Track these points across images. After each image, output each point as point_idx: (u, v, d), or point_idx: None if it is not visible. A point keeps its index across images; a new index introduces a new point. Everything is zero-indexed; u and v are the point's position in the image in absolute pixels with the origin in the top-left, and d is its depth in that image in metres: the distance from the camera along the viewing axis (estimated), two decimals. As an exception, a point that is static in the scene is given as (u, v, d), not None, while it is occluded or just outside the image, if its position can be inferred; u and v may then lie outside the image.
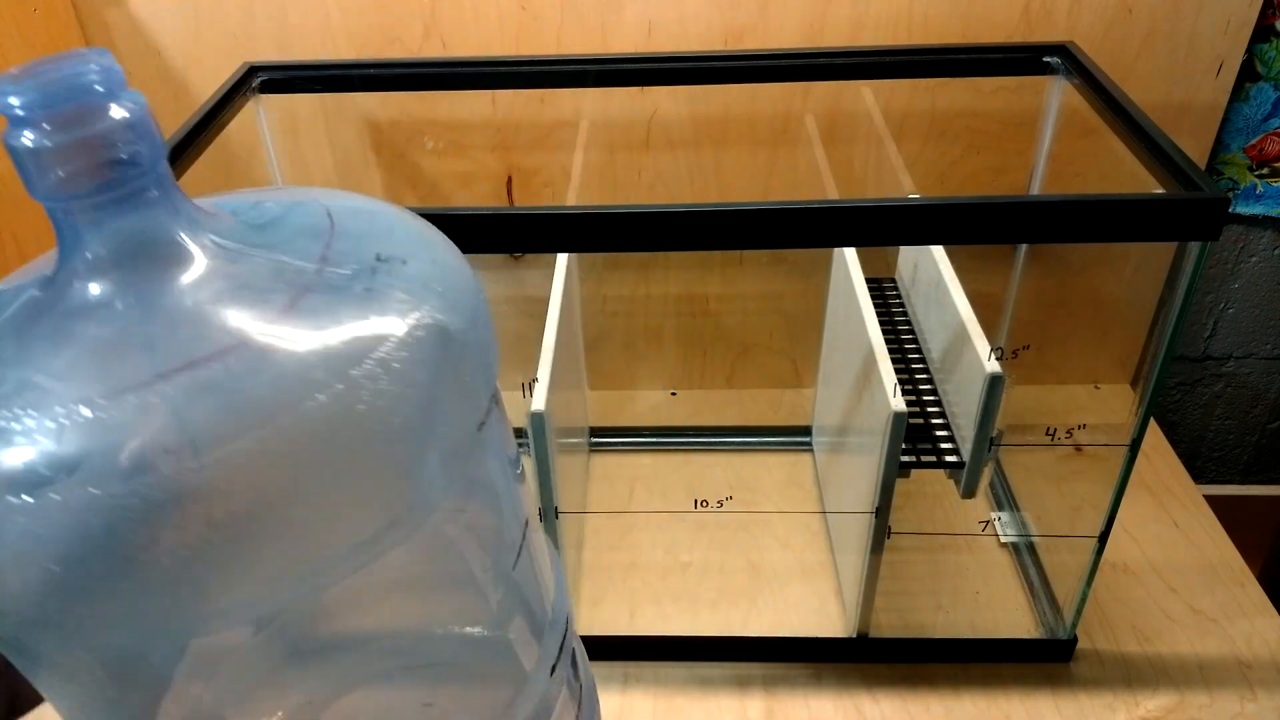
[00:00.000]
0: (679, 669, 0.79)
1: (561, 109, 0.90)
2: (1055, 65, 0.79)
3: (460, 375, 0.32)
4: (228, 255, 0.30)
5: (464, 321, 0.32)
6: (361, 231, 0.33)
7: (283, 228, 0.33)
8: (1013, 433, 0.77)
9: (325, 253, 0.31)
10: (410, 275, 0.32)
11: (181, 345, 0.29)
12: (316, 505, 0.29)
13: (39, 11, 0.81)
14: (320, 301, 0.30)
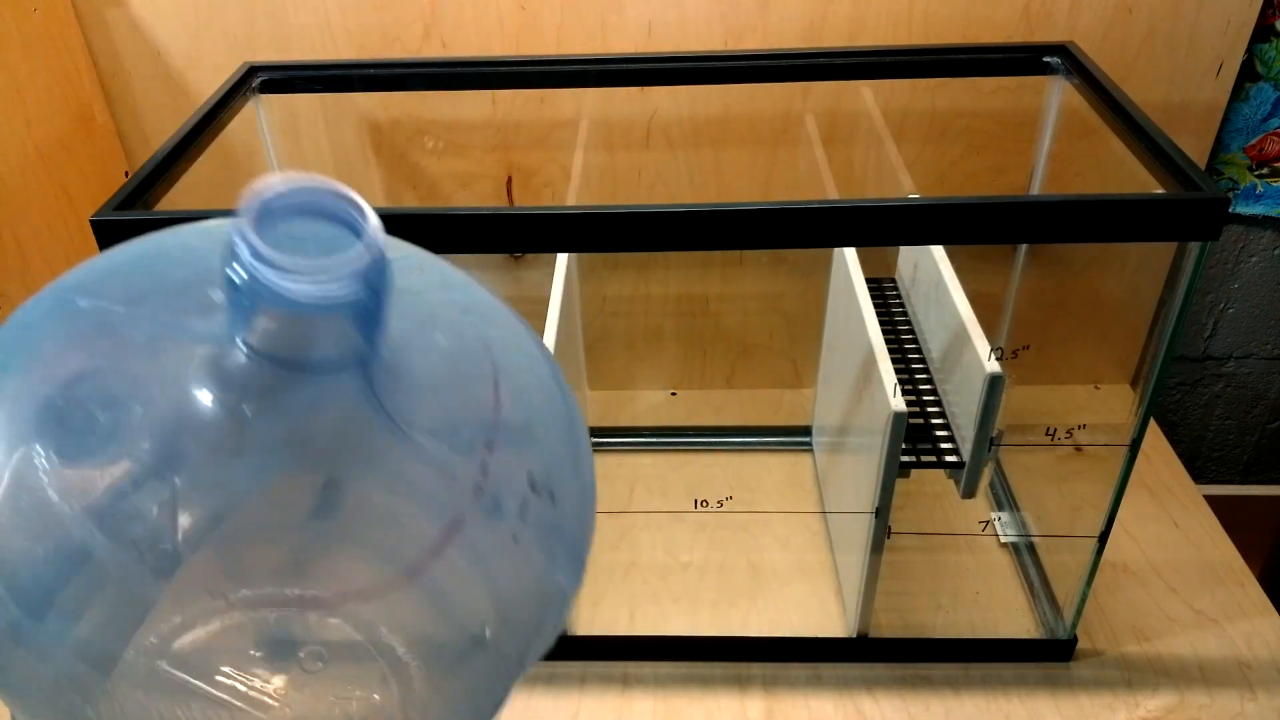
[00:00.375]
0: (679, 669, 0.79)
1: (561, 109, 0.90)
2: (1055, 65, 0.79)
3: (558, 627, 0.32)
4: (402, 443, 0.28)
5: (580, 574, 0.32)
6: (520, 421, 0.31)
7: (448, 394, 0.30)
8: (1013, 433, 0.77)
9: (486, 460, 0.29)
10: (555, 520, 0.31)
11: (330, 571, 0.27)
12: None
13: (39, 11, 0.81)
14: (472, 545, 0.28)
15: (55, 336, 0.29)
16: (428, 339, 0.31)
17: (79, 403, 0.27)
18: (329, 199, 0.26)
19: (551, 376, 0.34)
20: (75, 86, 0.87)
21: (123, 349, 0.28)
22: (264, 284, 0.24)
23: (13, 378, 0.28)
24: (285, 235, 0.25)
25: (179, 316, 0.28)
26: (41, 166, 0.82)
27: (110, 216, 0.59)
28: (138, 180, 0.62)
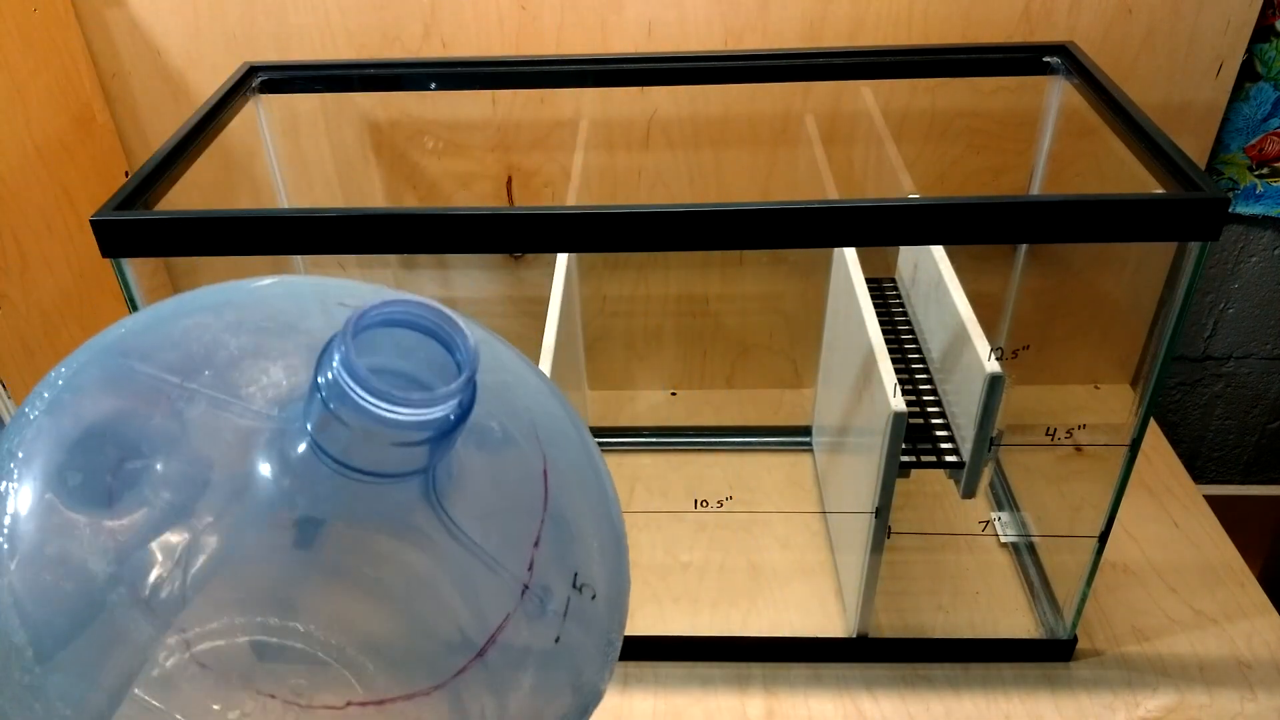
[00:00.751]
0: (679, 669, 0.79)
1: (561, 109, 0.90)
2: (1055, 65, 0.79)
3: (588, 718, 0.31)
4: (451, 540, 0.28)
5: (612, 669, 0.31)
6: (565, 513, 0.31)
7: (500, 488, 0.30)
8: (1013, 433, 0.77)
9: (533, 556, 0.29)
10: (596, 619, 0.30)
11: (363, 667, 0.27)
12: None
13: (39, 11, 0.81)
14: (514, 646, 0.28)
15: (101, 402, 0.28)
16: (483, 427, 0.30)
17: (124, 478, 0.27)
18: (433, 317, 0.26)
19: (588, 459, 0.33)
20: (75, 86, 0.87)
21: (174, 421, 0.27)
22: (351, 399, 0.24)
23: (53, 441, 0.28)
24: (374, 338, 0.25)
25: (234, 393, 0.28)
26: (41, 166, 0.82)
27: (110, 216, 0.59)
28: (138, 180, 0.62)
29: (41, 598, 0.25)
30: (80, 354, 0.30)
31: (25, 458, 0.27)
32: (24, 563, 0.25)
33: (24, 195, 0.80)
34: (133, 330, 0.30)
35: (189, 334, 0.30)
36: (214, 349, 0.29)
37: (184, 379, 0.28)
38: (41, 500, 0.26)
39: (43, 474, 0.27)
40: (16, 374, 0.79)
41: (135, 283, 0.63)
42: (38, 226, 0.82)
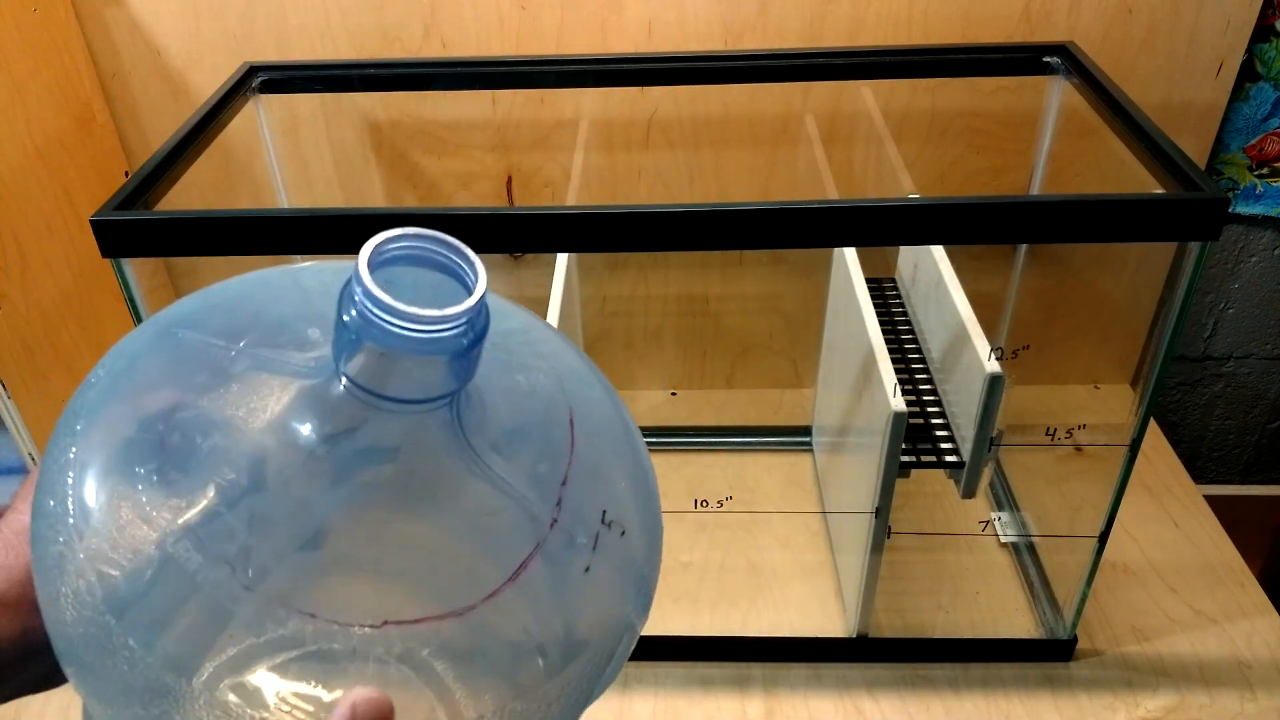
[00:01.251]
0: (679, 669, 0.79)
1: (561, 109, 0.90)
2: (1055, 65, 0.79)
3: (623, 660, 0.33)
4: (483, 476, 0.30)
5: (647, 608, 0.33)
6: (593, 461, 0.33)
7: (527, 431, 0.32)
8: (1013, 433, 0.77)
9: (561, 494, 0.31)
10: (626, 554, 0.32)
11: (402, 598, 0.29)
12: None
13: (39, 11, 0.81)
14: (543, 574, 0.30)
15: (158, 366, 0.31)
16: (508, 379, 0.33)
17: (177, 429, 0.29)
18: (441, 249, 0.28)
19: (619, 419, 0.36)
20: (75, 86, 0.87)
21: (222, 380, 0.30)
22: (374, 324, 0.26)
23: (117, 403, 0.30)
24: (392, 278, 0.27)
25: (277, 351, 0.30)
26: (41, 166, 0.82)
27: (110, 216, 0.59)
28: (138, 180, 0.62)
29: (111, 559, 0.27)
30: (136, 331, 0.33)
31: (87, 427, 0.29)
32: (94, 528, 0.27)
33: (24, 195, 0.80)
34: (183, 306, 0.33)
35: (233, 305, 0.33)
36: (256, 316, 0.32)
37: (229, 342, 0.30)
38: (105, 467, 0.28)
39: (104, 440, 0.29)
40: (16, 374, 0.79)
41: (135, 283, 0.63)
42: (38, 226, 0.82)
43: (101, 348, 1.01)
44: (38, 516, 0.29)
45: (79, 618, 0.27)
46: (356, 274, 0.26)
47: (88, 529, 0.27)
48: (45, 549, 0.28)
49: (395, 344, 0.26)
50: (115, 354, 0.32)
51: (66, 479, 0.28)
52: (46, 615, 0.28)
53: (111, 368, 0.31)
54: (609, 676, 0.32)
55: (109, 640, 0.27)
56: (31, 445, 0.81)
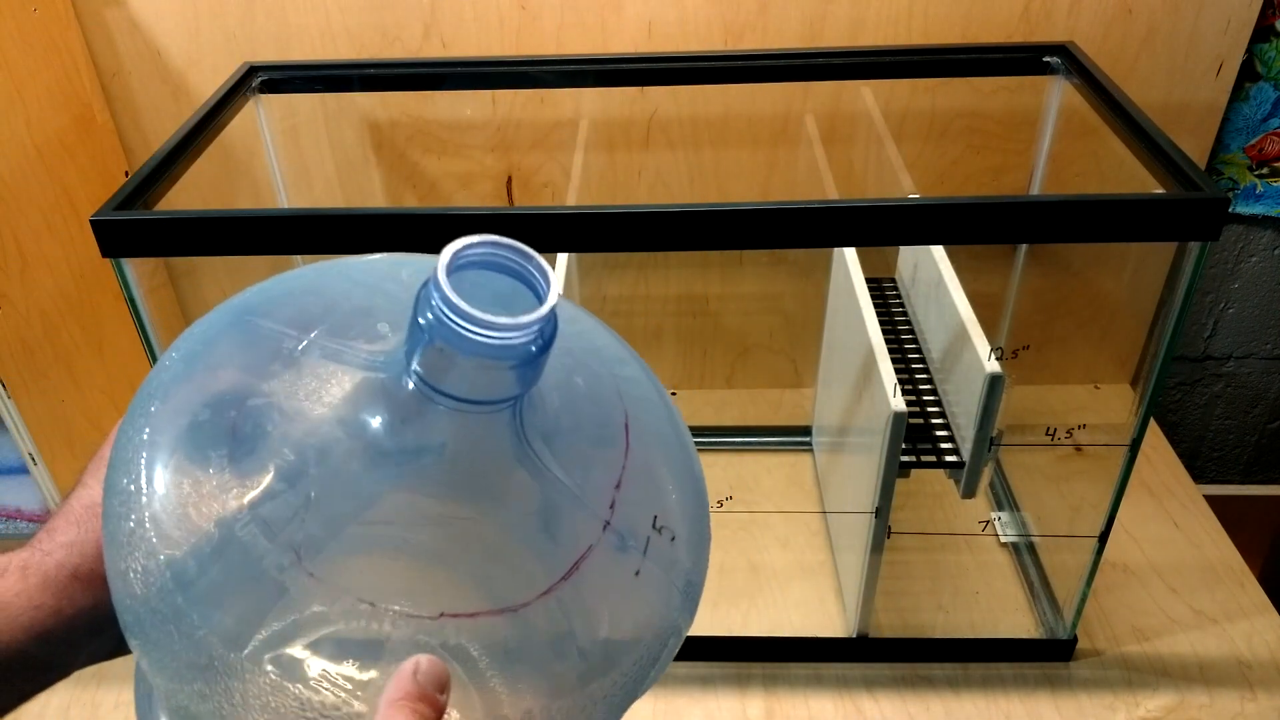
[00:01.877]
0: (679, 669, 0.79)
1: (561, 109, 0.90)
2: (1055, 65, 0.79)
3: (668, 663, 0.33)
4: (542, 477, 0.31)
5: (693, 612, 0.34)
6: (647, 465, 0.34)
7: (584, 434, 0.33)
8: (1013, 433, 0.77)
9: (615, 497, 0.32)
10: (675, 559, 0.33)
11: (454, 592, 0.29)
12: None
13: (39, 12, 0.81)
14: (594, 575, 0.31)
15: (230, 352, 0.32)
16: (568, 381, 0.33)
17: (247, 415, 0.30)
18: (516, 257, 0.29)
19: (671, 423, 0.37)
20: (75, 86, 0.87)
21: (292, 369, 0.31)
22: (448, 328, 0.27)
23: (189, 387, 0.31)
24: (464, 281, 0.28)
25: (346, 343, 0.31)
26: (41, 166, 0.82)
27: (110, 216, 0.59)
28: (138, 180, 0.62)
29: (180, 537, 0.28)
30: (212, 314, 0.33)
31: (160, 409, 0.30)
32: (164, 508, 0.28)
33: (24, 195, 0.80)
34: (257, 293, 0.34)
35: (307, 295, 0.34)
36: (329, 307, 0.33)
37: (300, 332, 0.31)
38: (176, 448, 0.29)
39: (176, 422, 0.30)
40: (16, 374, 0.79)
41: (135, 283, 0.63)
42: (38, 226, 0.82)
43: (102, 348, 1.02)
44: (110, 494, 0.29)
45: (146, 593, 0.28)
46: (435, 280, 0.27)
47: (158, 508, 0.28)
48: (116, 525, 0.29)
49: (468, 348, 0.27)
50: (189, 337, 0.32)
51: (140, 459, 0.29)
52: (114, 589, 0.29)
53: (185, 351, 0.32)
54: (653, 678, 0.32)
55: (173, 616, 0.28)
56: (31, 445, 0.81)
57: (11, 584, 0.34)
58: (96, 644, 0.35)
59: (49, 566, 0.34)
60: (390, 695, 0.26)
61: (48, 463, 0.82)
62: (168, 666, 0.28)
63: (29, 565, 0.34)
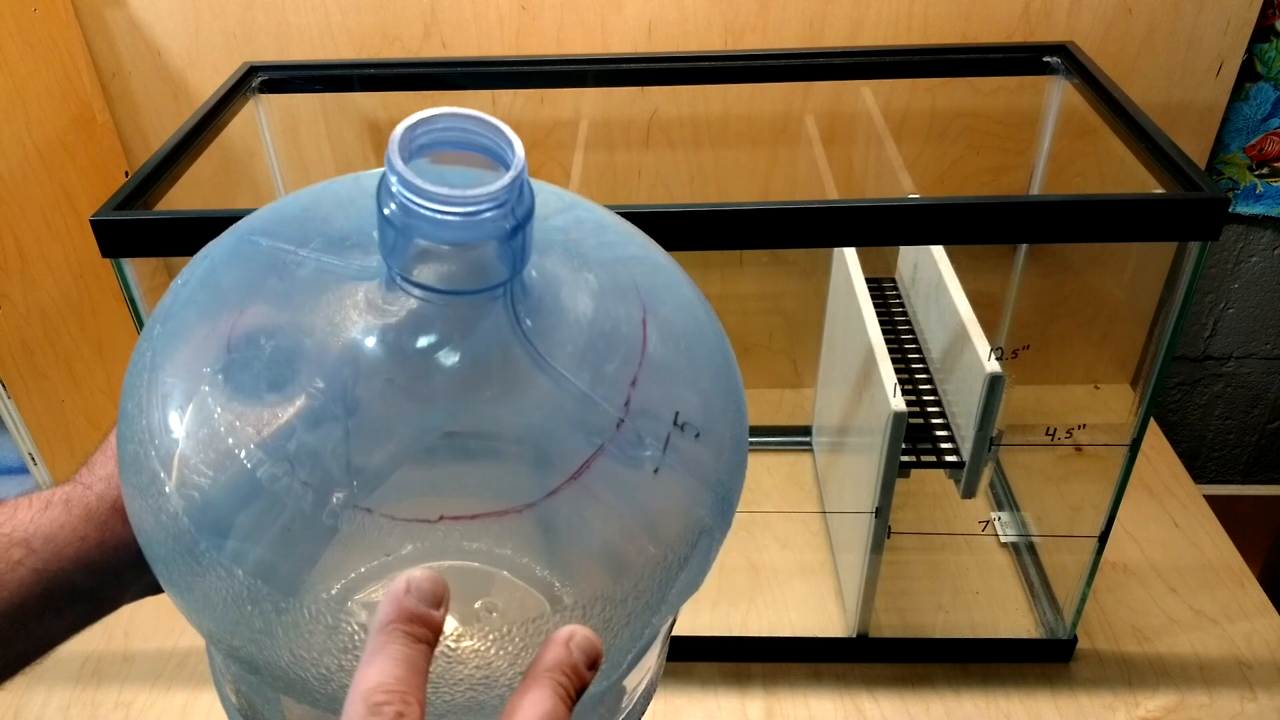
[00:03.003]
0: (679, 669, 0.79)
1: (561, 109, 0.90)
2: (1055, 65, 0.79)
3: (703, 568, 0.32)
4: (545, 373, 0.30)
5: (727, 516, 0.32)
6: (669, 363, 0.32)
7: (594, 331, 0.31)
8: (1013, 433, 0.77)
9: (630, 395, 0.30)
10: (699, 457, 0.31)
11: (471, 493, 0.29)
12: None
13: (39, 11, 0.81)
14: (609, 473, 0.29)
15: (230, 271, 0.31)
16: (577, 277, 0.32)
17: (244, 332, 0.29)
18: (475, 127, 0.27)
19: (704, 322, 0.35)
20: (75, 86, 0.87)
21: (292, 286, 0.30)
22: (414, 214, 0.25)
23: (191, 308, 0.30)
24: (433, 169, 0.27)
25: (341, 254, 0.30)
26: (41, 166, 0.82)
27: (110, 216, 0.59)
28: (138, 180, 0.62)
29: (188, 462, 0.27)
30: (220, 236, 0.33)
31: (163, 331, 0.30)
32: (165, 430, 0.28)
33: (24, 195, 0.80)
34: (263, 212, 0.33)
35: (307, 211, 0.33)
36: (325, 220, 0.32)
37: (297, 247, 0.30)
38: (177, 370, 0.29)
39: (177, 343, 0.29)
40: (16, 374, 0.79)
41: (135, 283, 0.63)
42: (38, 226, 0.82)
43: (102, 348, 1.01)
44: (120, 419, 0.29)
45: (156, 518, 0.28)
46: (389, 162, 0.26)
47: (160, 430, 0.28)
48: (124, 449, 0.29)
49: (436, 232, 0.26)
50: (196, 261, 0.32)
51: (142, 381, 0.29)
52: (130, 513, 0.29)
53: (186, 276, 0.31)
54: (686, 583, 0.31)
55: (185, 543, 0.27)
56: (31, 445, 0.81)
57: (56, 516, 0.35)
58: (145, 580, 0.35)
59: (90, 500, 0.35)
60: (381, 618, 0.25)
61: (48, 463, 0.82)
62: (189, 599, 0.28)
63: (71, 498, 0.35)
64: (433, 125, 0.27)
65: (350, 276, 0.30)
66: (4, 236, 0.78)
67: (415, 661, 0.24)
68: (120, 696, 0.78)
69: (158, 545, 0.28)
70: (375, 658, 0.24)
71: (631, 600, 0.29)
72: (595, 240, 0.34)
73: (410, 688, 0.24)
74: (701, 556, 0.31)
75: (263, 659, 0.27)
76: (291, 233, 0.31)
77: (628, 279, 0.33)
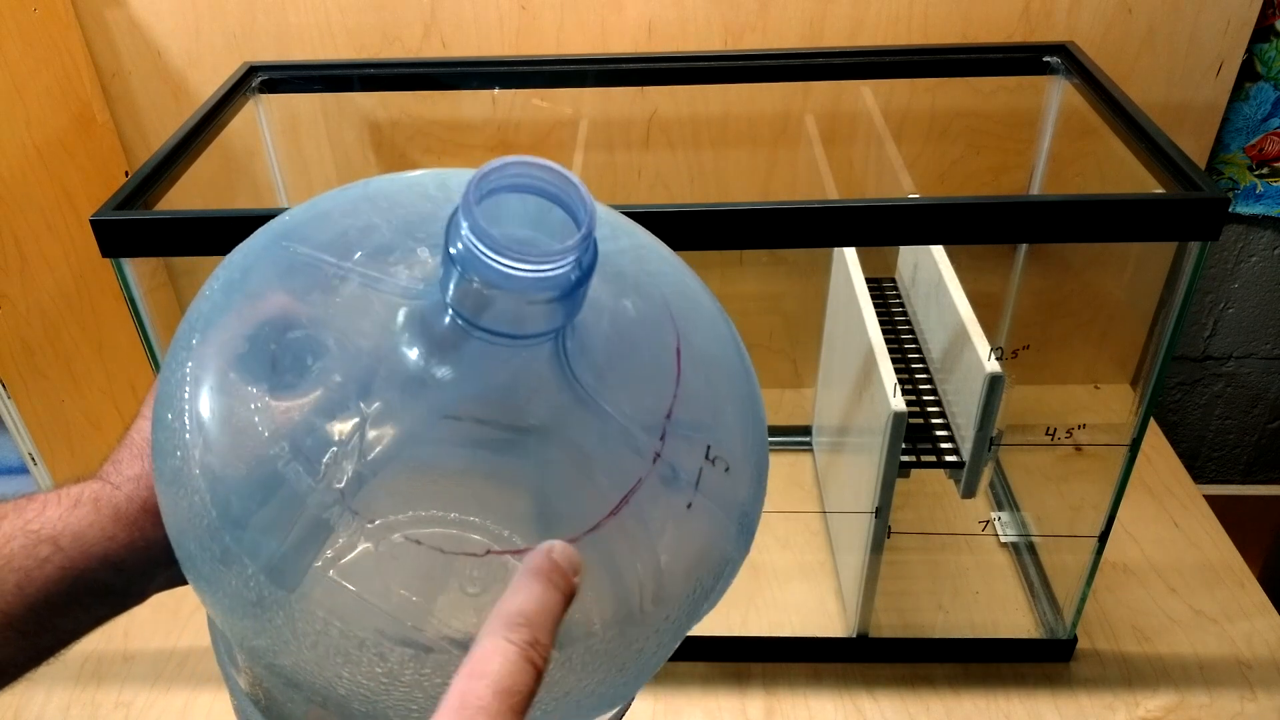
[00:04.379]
0: (679, 669, 0.79)
1: (561, 109, 0.90)
2: (1055, 65, 0.79)
3: (721, 594, 0.33)
4: (588, 408, 0.29)
5: (748, 544, 0.33)
6: (701, 393, 0.32)
7: (632, 361, 0.31)
8: (1013, 433, 0.77)
9: (665, 427, 0.30)
10: (729, 491, 0.32)
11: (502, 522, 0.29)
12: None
13: (39, 11, 0.81)
14: (644, 508, 0.29)
15: (268, 281, 0.30)
16: (616, 304, 0.32)
17: (287, 347, 0.29)
18: (551, 178, 0.27)
19: (732, 349, 0.35)
20: (75, 86, 0.87)
21: (332, 298, 0.29)
22: (479, 260, 0.25)
23: (230, 318, 0.30)
24: (499, 206, 0.27)
25: (386, 270, 0.30)
26: (41, 166, 0.82)
27: (110, 216, 0.59)
28: (138, 180, 0.62)
29: (225, 472, 0.28)
30: (248, 241, 0.32)
31: (202, 341, 0.30)
32: (207, 442, 0.28)
33: (24, 195, 0.80)
34: (295, 217, 0.33)
35: (345, 218, 0.32)
36: (367, 232, 0.31)
37: (339, 259, 0.30)
38: (218, 382, 0.29)
39: (219, 355, 0.29)
40: (16, 374, 0.79)
41: (135, 283, 0.63)
42: (38, 226, 0.82)
43: (102, 348, 1.02)
44: (157, 428, 0.29)
45: (194, 527, 0.28)
46: (463, 207, 0.26)
47: (201, 442, 0.28)
48: (164, 461, 0.29)
49: (501, 281, 0.26)
50: (228, 265, 0.32)
51: (184, 393, 0.29)
52: (167, 523, 0.29)
53: (225, 280, 0.31)
54: (707, 608, 0.32)
55: (221, 550, 0.27)
56: (31, 445, 0.81)
57: (85, 515, 0.35)
58: (170, 572, 0.35)
59: (119, 500, 0.35)
60: (530, 564, 0.26)
61: (48, 463, 0.82)
62: (219, 601, 0.28)
63: (101, 498, 0.35)
64: (505, 173, 0.27)
65: (395, 294, 0.29)
66: (4, 236, 0.78)
67: (552, 605, 0.26)
68: (120, 696, 0.78)
69: (200, 564, 0.28)
70: (521, 591, 0.26)
71: (655, 634, 0.30)
72: (632, 258, 0.34)
73: (546, 622, 0.26)
74: (724, 586, 0.32)
75: (291, 665, 0.28)
76: (331, 241, 0.31)
77: (662, 304, 0.33)
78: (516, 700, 0.24)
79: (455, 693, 0.24)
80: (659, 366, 0.31)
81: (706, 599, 0.31)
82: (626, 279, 0.33)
